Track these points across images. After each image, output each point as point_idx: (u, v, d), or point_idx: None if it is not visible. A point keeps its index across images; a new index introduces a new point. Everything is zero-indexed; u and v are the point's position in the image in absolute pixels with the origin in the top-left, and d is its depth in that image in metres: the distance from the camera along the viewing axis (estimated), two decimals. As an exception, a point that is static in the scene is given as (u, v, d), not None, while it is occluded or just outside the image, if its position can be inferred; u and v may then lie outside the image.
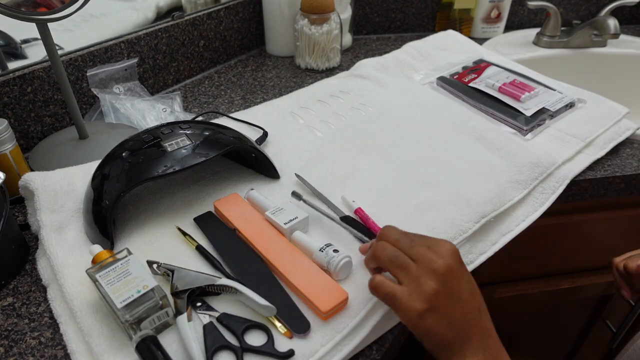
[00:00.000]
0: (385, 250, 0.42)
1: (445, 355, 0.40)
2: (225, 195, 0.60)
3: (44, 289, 0.51)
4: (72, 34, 0.78)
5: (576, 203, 0.72)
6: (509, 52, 1.06)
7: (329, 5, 0.93)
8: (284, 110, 0.80)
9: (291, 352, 0.42)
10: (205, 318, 0.45)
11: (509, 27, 1.21)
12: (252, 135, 0.70)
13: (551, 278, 0.88)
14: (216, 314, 0.46)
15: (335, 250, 0.49)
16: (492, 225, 0.59)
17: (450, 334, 0.40)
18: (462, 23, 1.16)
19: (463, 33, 1.09)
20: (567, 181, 0.66)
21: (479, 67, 0.89)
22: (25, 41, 0.74)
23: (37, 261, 0.54)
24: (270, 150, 0.70)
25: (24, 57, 0.74)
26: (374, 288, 0.43)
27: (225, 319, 0.45)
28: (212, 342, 0.43)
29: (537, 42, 1.10)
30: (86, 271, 0.46)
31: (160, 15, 0.92)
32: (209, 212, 0.58)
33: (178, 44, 0.92)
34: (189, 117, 0.81)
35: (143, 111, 0.78)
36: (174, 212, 0.58)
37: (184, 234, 0.55)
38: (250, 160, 0.65)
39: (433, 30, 1.21)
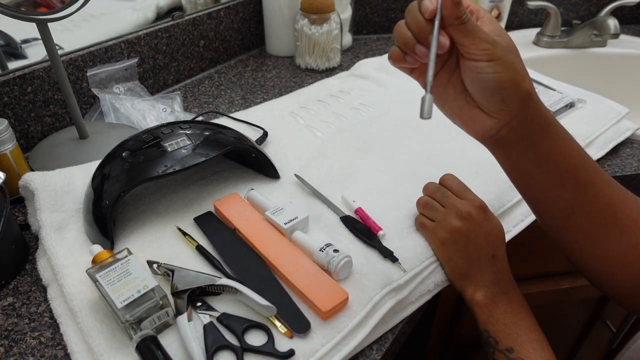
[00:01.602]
0: (421, 199, 0.56)
1: (462, 284, 0.52)
2: (225, 195, 0.60)
3: (44, 289, 0.51)
4: (72, 33, 0.78)
5: (576, 203, 0.72)
6: (509, 52, 1.06)
7: (329, 5, 0.93)
8: (284, 110, 0.80)
9: (291, 352, 0.42)
10: (205, 318, 0.45)
11: (509, 27, 1.21)
12: (252, 135, 0.70)
13: (551, 278, 0.88)
14: (216, 314, 0.46)
15: (336, 250, 0.49)
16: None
17: (466, 265, 0.51)
18: (462, 23, 1.16)
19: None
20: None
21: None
22: (26, 41, 0.74)
23: (37, 261, 0.54)
24: (270, 150, 0.70)
25: (24, 57, 0.74)
26: (415, 220, 0.57)
27: (226, 319, 0.45)
28: (213, 342, 0.43)
29: (537, 42, 1.10)
30: (86, 271, 0.46)
31: (161, 15, 0.92)
32: (209, 212, 0.58)
33: (178, 43, 0.92)
34: (189, 117, 0.81)
35: (143, 111, 0.78)
36: (174, 212, 0.59)
37: (184, 233, 0.55)
38: (250, 160, 0.65)
39: (433, 30, 1.21)
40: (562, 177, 0.42)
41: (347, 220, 0.57)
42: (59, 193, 0.57)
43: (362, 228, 0.55)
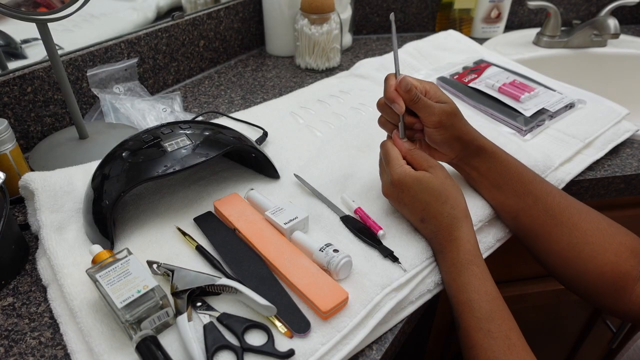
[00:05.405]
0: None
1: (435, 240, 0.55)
2: (225, 195, 0.60)
3: (44, 289, 0.51)
4: (72, 33, 0.78)
5: (576, 203, 0.72)
6: (509, 52, 1.06)
7: (329, 5, 0.94)
8: (284, 110, 0.80)
9: (291, 352, 0.42)
10: (205, 318, 0.45)
11: (509, 27, 1.21)
12: (252, 135, 0.70)
13: (551, 278, 0.88)
14: (216, 314, 0.46)
15: (335, 250, 0.49)
16: (491, 224, 0.59)
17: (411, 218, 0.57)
18: (462, 23, 1.17)
19: (463, 33, 1.09)
20: (565, 182, 0.66)
21: (479, 67, 0.89)
22: (26, 41, 0.74)
23: (37, 261, 0.54)
24: (270, 150, 0.70)
25: (24, 57, 0.74)
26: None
27: (226, 319, 0.45)
28: (213, 342, 0.43)
29: (537, 42, 1.10)
30: (86, 271, 0.46)
31: (161, 15, 0.92)
32: (209, 212, 0.58)
33: (178, 44, 0.92)
34: (189, 117, 0.81)
35: (143, 111, 0.78)
36: (174, 212, 0.59)
37: (184, 234, 0.55)
38: (250, 160, 0.65)
39: (433, 30, 1.21)
40: (501, 188, 0.57)
41: (347, 220, 0.57)
42: (58, 193, 0.57)
43: (362, 228, 0.55)
